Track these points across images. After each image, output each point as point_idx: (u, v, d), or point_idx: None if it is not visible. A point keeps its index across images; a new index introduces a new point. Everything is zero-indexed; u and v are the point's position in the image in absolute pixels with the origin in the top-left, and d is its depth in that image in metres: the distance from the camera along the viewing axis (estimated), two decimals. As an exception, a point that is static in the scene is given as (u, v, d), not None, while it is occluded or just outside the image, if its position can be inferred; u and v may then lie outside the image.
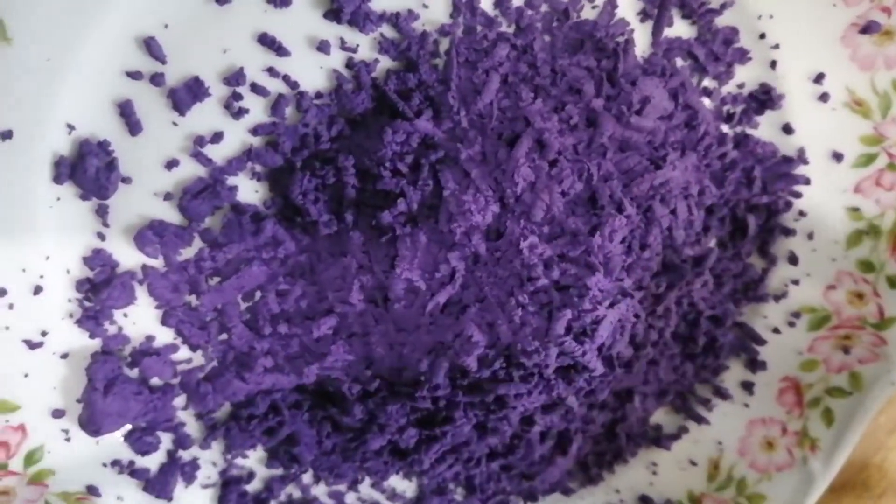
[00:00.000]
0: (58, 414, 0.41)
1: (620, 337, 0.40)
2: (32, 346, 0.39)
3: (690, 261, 0.45)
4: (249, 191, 0.40)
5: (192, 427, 0.44)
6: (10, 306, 0.38)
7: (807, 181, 0.47)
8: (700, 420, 0.52)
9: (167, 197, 0.39)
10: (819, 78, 0.45)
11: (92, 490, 0.43)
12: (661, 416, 0.53)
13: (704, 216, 0.45)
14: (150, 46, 0.36)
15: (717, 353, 0.51)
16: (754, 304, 0.50)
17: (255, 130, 0.39)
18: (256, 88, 0.38)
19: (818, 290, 0.50)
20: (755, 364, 0.51)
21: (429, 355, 0.41)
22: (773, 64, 0.45)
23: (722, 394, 0.52)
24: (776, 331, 0.51)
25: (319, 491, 0.48)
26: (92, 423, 0.41)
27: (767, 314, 0.51)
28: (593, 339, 0.39)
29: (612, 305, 0.40)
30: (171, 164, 0.39)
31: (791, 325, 0.51)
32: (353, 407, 0.44)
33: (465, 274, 0.40)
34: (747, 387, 0.52)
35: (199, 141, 0.39)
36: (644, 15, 0.42)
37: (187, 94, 0.38)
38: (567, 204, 0.39)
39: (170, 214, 0.40)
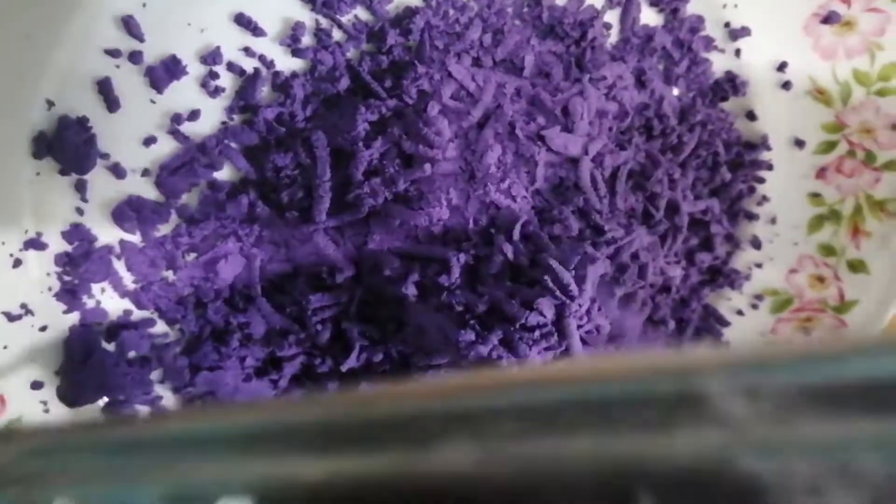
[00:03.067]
0: (36, 386, 0.42)
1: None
2: (12, 318, 0.40)
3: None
4: (227, 168, 0.41)
5: (170, 400, 0.45)
6: (-10, 279, 0.39)
7: (770, 167, 0.49)
8: (666, 399, 0.54)
9: (145, 173, 0.40)
10: (782, 66, 0.46)
11: (70, 461, 0.44)
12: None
13: (670, 200, 0.47)
14: (129, 25, 0.37)
15: (683, 333, 0.52)
16: (720, 288, 0.52)
17: (231, 109, 0.40)
18: (233, 67, 0.39)
19: (781, 273, 0.51)
20: (719, 345, 0.53)
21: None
22: (738, 52, 0.46)
23: (688, 374, 0.53)
24: (740, 313, 0.52)
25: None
26: (70, 396, 0.41)
27: (731, 296, 0.52)
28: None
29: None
30: (149, 141, 0.39)
31: (754, 307, 0.52)
32: (328, 385, 0.45)
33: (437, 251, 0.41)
34: (712, 367, 0.53)
35: (177, 118, 0.39)
36: (613, 2, 0.44)
37: (165, 73, 0.38)
38: (534, 185, 0.41)
39: (147, 190, 0.40)
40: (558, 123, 0.41)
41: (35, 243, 0.39)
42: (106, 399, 0.43)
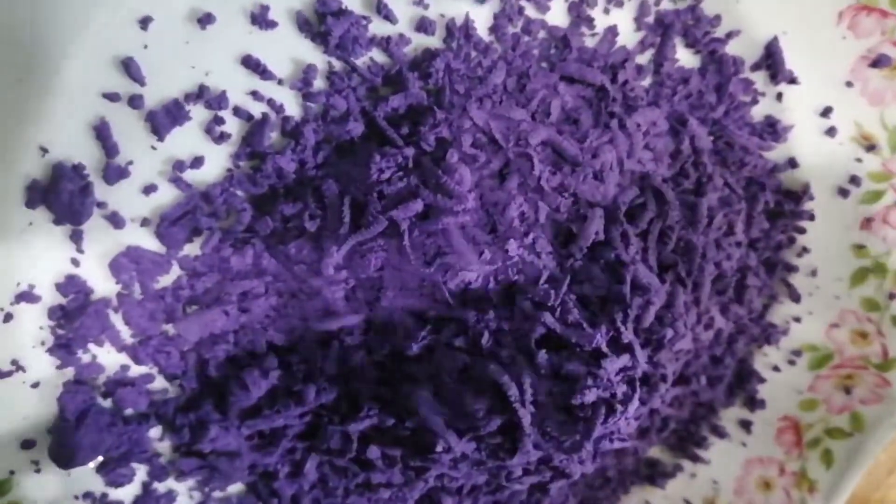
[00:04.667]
0: (27, 445, 0.39)
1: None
2: (2, 375, 0.38)
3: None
4: (231, 218, 0.39)
5: (168, 457, 0.43)
6: (-21, 334, 0.37)
7: (811, 217, 0.46)
8: (696, 459, 0.51)
9: (144, 223, 0.38)
10: (826, 112, 0.44)
11: (62, 523, 0.41)
12: (657, 454, 0.52)
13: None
14: (129, 67, 0.35)
15: (715, 390, 0.49)
16: (756, 343, 0.49)
17: (237, 155, 0.38)
18: (239, 112, 0.37)
19: (820, 328, 0.49)
20: (754, 402, 0.50)
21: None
22: (780, 96, 0.44)
23: (719, 432, 0.50)
24: (776, 369, 0.50)
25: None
26: (63, 456, 0.39)
27: (768, 352, 0.50)
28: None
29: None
30: (149, 190, 0.37)
31: (791, 363, 0.50)
32: (331, 438, 0.42)
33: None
34: (745, 425, 0.50)
35: (179, 166, 0.37)
36: (646, 43, 0.41)
37: (167, 118, 0.36)
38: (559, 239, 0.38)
39: (147, 241, 0.38)
40: (587, 173, 0.39)
41: (27, 296, 0.37)
42: (100, 458, 0.41)
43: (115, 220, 0.37)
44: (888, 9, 0.40)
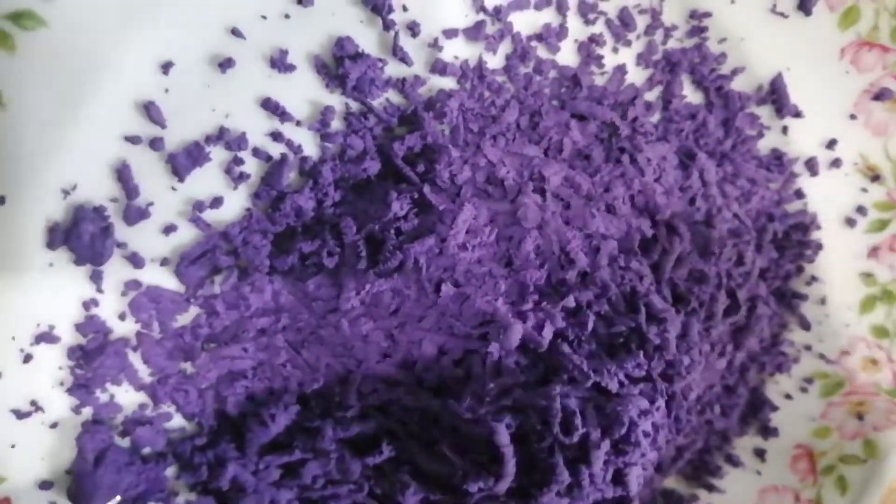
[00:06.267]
0: (45, 486, 0.39)
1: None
2: (21, 415, 0.38)
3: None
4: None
5: (186, 497, 0.43)
6: (-1, 375, 0.37)
7: (819, 246, 0.47)
8: (711, 488, 0.50)
9: (164, 262, 0.38)
10: (831, 144, 0.45)
11: (79, 564, 0.41)
12: (672, 484, 0.52)
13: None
14: (150, 111, 0.36)
15: (729, 419, 0.49)
16: (768, 371, 0.49)
17: (256, 195, 0.38)
18: (258, 153, 0.38)
19: (831, 355, 0.49)
20: (767, 431, 0.50)
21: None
22: (785, 129, 0.44)
23: (734, 461, 0.50)
24: (788, 397, 0.50)
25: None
26: (81, 496, 0.39)
27: (779, 380, 0.50)
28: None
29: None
30: (169, 230, 0.38)
31: (804, 391, 0.50)
32: (350, 472, 0.42)
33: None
34: (760, 454, 0.50)
35: (199, 206, 0.38)
36: (654, 81, 0.42)
37: (187, 159, 0.37)
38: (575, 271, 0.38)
39: (167, 280, 0.38)
40: (599, 207, 0.39)
41: (47, 336, 0.37)
42: (118, 498, 0.41)
43: (135, 261, 0.38)
44: (889, 44, 0.41)
